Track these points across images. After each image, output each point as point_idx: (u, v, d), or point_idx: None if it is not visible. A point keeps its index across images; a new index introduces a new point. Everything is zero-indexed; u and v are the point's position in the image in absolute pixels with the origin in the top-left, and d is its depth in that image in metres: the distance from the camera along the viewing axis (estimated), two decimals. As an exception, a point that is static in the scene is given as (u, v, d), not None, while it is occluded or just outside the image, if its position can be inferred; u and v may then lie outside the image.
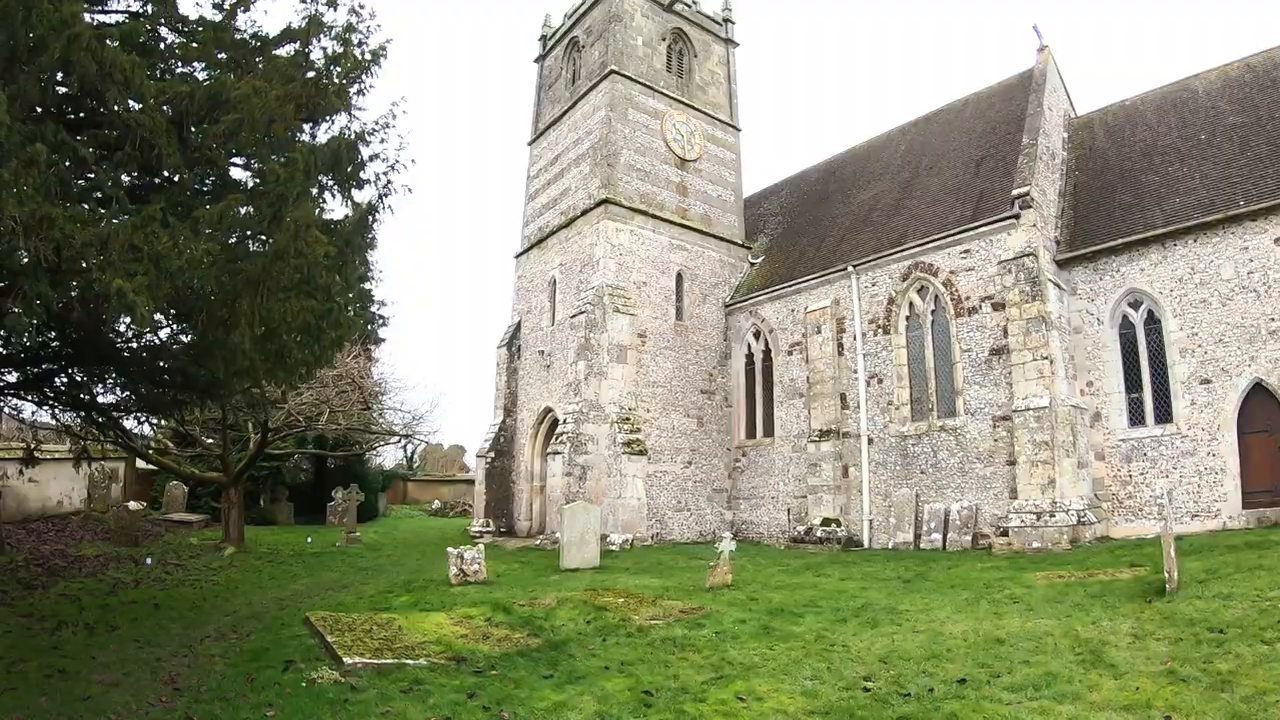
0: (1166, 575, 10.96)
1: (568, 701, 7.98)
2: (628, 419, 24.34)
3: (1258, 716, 6.41)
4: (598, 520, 19.50)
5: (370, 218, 10.88)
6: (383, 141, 11.01)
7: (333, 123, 10.91)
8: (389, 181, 10.81)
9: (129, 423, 16.33)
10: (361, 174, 10.88)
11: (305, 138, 10.30)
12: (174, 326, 11.80)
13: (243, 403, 17.23)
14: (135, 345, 12.12)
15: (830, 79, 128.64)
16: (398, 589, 15.73)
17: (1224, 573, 11.62)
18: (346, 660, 9.19)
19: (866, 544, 22.01)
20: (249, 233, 9.58)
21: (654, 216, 26.77)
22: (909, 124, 29.43)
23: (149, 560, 18.75)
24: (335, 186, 10.74)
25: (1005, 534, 18.58)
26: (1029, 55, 38.28)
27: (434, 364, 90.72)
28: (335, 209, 11.14)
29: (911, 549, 20.35)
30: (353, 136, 10.68)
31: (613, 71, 26.71)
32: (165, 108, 8.57)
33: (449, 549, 16.73)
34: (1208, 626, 8.97)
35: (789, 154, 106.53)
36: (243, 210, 8.86)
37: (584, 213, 26.69)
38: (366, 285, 13.28)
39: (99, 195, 8.66)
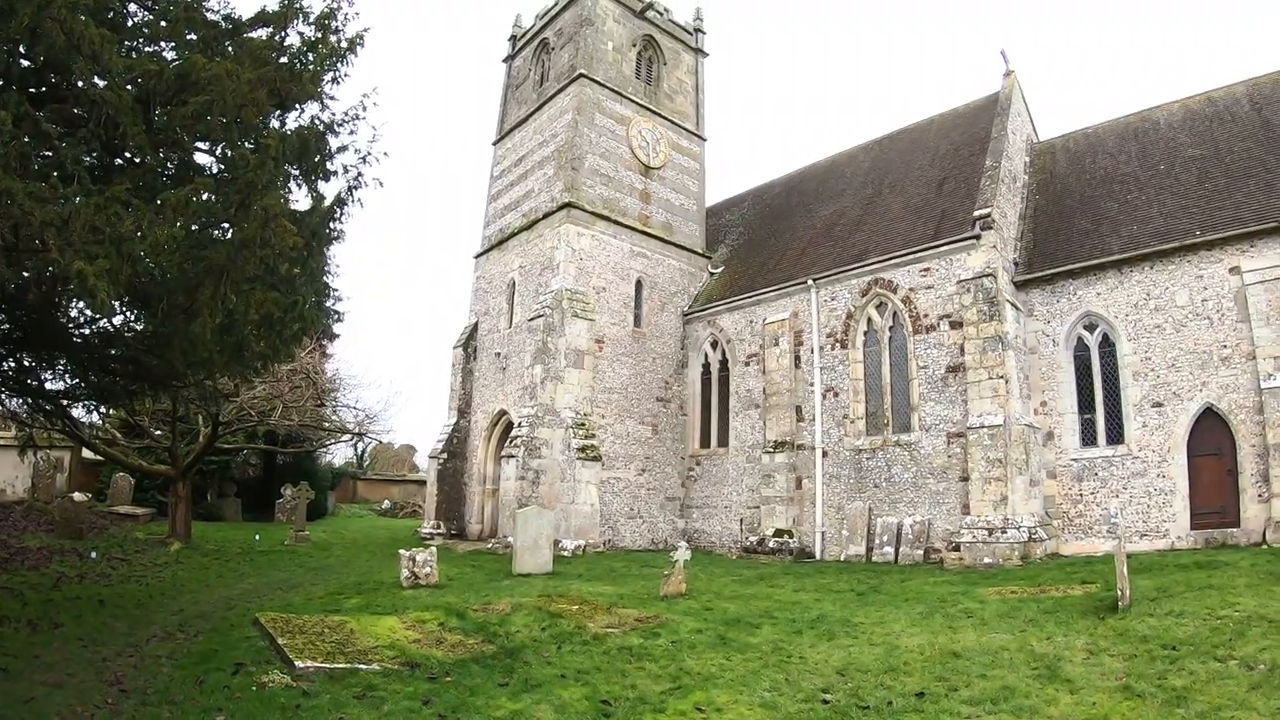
0: (1119, 592, 11.10)
1: (524, 710, 7.87)
2: (583, 424, 24.21)
3: (1213, 733, 6.50)
4: (551, 525, 19.35)
5: (339, 210, 10.68)
6: (353, 133, 10.86)
7: (303, 111, 10.74)
8: (359, 174, 10.62)
9: (77, 411, 15.93)
10: (329, 165, 10.71)
11: (274, 124, 10.12)
12: (129, 314, 11.53)
13: (194, 395, 16.84)
14: (88, 331, 11.80)
15: (795, 95, 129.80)
16: (348, 590, 15.46)
17: (1175, 591, 11.79)
18: (298, 664, 8.99)
19: (819, 555, 22.08)
20: (214, 220, 9.35)
21: (616, 222, 26.69)
22: (873, 141, 29.70)
23: (93, 554, 18.32)
24: (301, 177, 10.57)
25: (957, 549, 18.74)
26: (994, 79, 38.88)
27: (390, 361, 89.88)
28: (300, 200, 10.92)
29: (864, 562, 20.44)
30: (323, 127, 10.53)
31: (581, 75, 26.63)
32: (132, 86, 8.35)
33: (401, 551, 16.49)
34: (1161, 643, 9.09)
35: (752, 167, 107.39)
36: (209, 196, 8.65)
37: (546, 215, 26.53)
38: (327, 279, 13.09)
39: (59, 173, 8.41)
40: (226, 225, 9.48)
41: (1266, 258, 17.50)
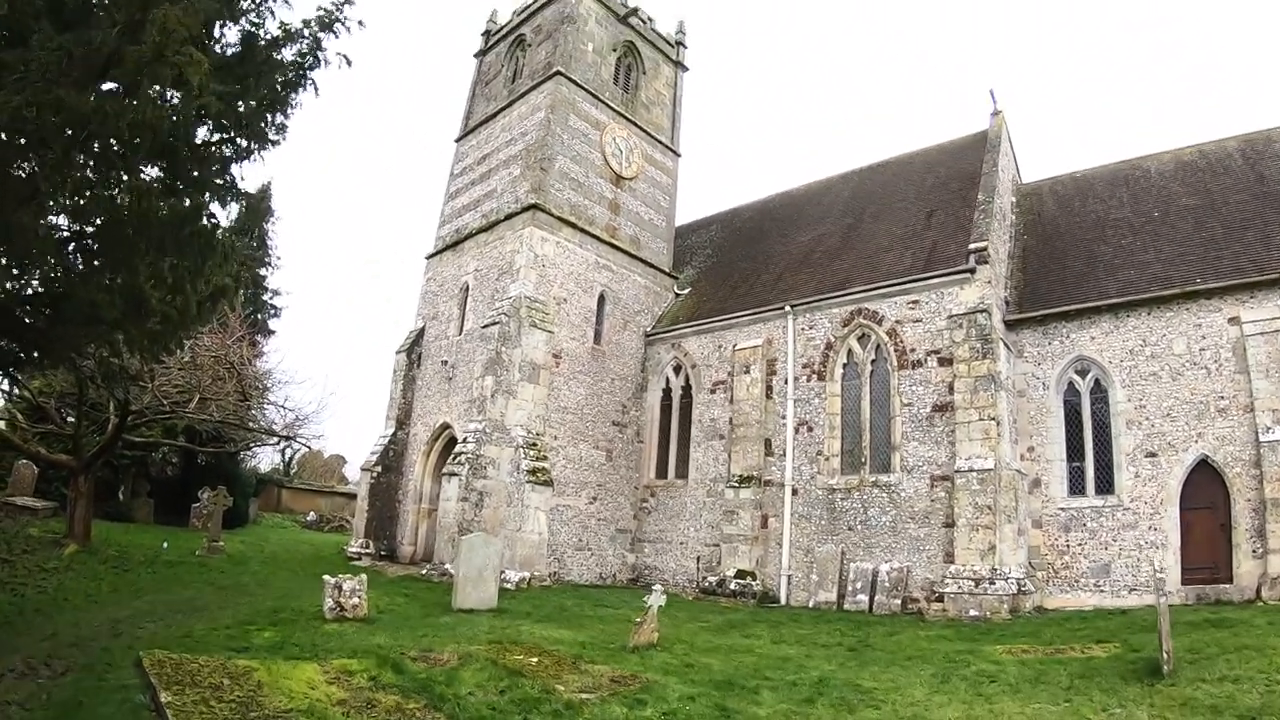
0: (1163, 655, 9.70)
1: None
2: (534, 445, 22.39)
3: None
4: (498, 555, 17.41)
5: (291, 92, 8.54)
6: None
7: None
8: (319, 42, 8.50)
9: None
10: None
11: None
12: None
13: (98, 371, 14.68)
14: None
15: (769, 123, 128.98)
16: (261, 620, 13.20)
17: (1209, 653, 10.42)
18: (185, 738, 6.63)
19: (784, 600, 20.51)
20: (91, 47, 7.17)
21: (582, 230, 25.10)
22: (853, 171, 28.83)
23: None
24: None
25: (940, 599, 17.38)
26: (975, 120, 38.33)
27: (325, 363, 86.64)
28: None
29: (835, 609, 18.91)
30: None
31: (558, 73, 25.10)
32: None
33: (326, 577, 14.21)
34: (1235, 714, 7.80)
35: (717, 193, 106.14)
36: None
37: (509, 217, 24.78)
38: (261, 271, 11.14)
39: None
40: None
41: (1266, 309, 16.91)
